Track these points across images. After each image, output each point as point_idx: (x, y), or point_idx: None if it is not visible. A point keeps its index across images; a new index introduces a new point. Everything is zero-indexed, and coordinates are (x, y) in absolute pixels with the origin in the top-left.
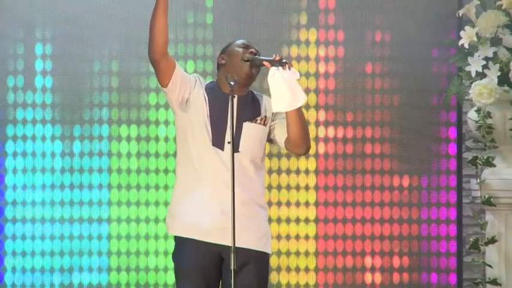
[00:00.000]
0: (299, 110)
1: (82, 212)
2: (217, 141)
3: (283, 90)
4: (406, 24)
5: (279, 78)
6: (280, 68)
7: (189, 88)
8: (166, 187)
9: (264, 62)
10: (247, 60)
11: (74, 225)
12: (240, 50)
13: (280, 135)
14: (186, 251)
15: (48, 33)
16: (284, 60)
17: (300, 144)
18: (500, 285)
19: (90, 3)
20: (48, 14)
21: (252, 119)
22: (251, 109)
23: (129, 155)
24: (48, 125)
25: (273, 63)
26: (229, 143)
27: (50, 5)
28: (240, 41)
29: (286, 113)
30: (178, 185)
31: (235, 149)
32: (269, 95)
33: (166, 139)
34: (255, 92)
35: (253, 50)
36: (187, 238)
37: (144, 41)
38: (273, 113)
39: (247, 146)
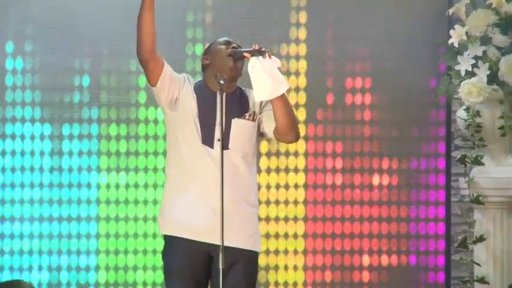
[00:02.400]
0: (284, 98)
1: (71, 210)
2: (207, 139)
3: (264, 79)
4: (396, 23)
5: (259, 68)
6: (260, 57)
7: (178, 87)
8: (155, 185)
9: (244, 54)
10: (230, 55)
11: (62, 224)
12: (222, 47)
13: (269, 125)
14: (176, 250)
15: (38, 31)
16: (263, 49)
17: (289, 132)
18: (488, 283)
19: None
20: (36, 11)
21: (241, 115)
22: (239, 105)
23: (118, 153)
24: (37, 123)
25: (253, 53)
26: (219, 140)
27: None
28: (221, 39)
29: (271, 102)
30: (169, 184)
31: (225, 146)
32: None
33: (155, 137)
34: (243, 88)
35: (234, 45)
36: (177, 237)
37: (134, 39)
38: (260, 106)
39: (237, 143)
